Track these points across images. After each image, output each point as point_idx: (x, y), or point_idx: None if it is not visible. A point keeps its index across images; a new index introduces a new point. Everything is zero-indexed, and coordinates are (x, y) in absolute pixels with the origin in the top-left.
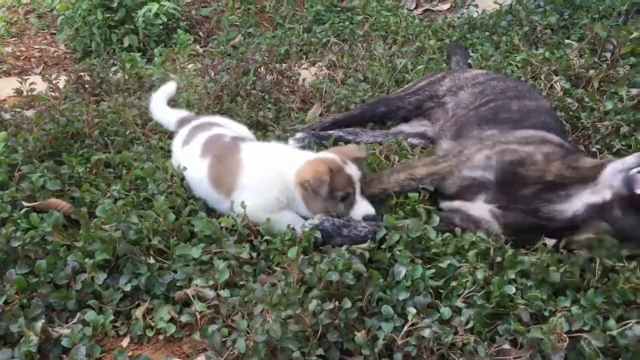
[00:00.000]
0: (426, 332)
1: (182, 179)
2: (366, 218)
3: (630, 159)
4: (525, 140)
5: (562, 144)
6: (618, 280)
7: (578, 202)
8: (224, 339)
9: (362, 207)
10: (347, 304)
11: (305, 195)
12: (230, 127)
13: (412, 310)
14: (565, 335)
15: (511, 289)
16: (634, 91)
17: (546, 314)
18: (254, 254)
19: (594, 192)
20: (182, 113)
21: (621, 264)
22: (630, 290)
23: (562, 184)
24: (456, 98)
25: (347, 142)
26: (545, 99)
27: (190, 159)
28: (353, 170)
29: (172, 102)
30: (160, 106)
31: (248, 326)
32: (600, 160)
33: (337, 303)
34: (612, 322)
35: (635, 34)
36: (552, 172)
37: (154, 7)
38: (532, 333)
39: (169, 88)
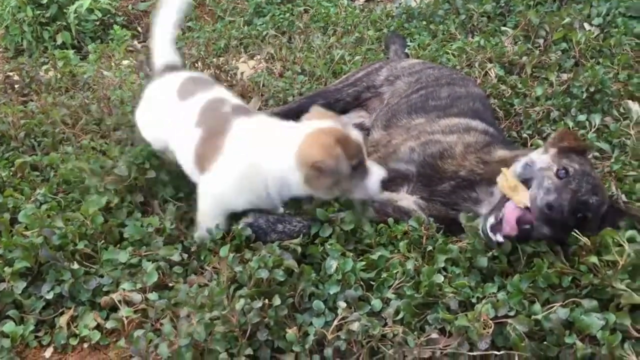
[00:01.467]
0: (355, 326)
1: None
2: (384, 181)
3: (518, 165)
4: (450, 129)
5: (486, 131)
6: (542, 265)
7: (485, 210)
8: (151, 344)
9: (376, 173)
10: (277, 301)
11: (312, 178)
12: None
13: (342, 304)
14: (491, 322)
15: (440, 278)
16: (564, 76)
17: (474, 301)
18: (185, 255)
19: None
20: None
21: (544, 250)
22: (555, 274)
23: (473, 181)
24: (392, 87)
25: None
26: (478, 87)
27: (184, 121)
28: (356, 134)
29: (106, 99)
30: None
31: (176, 329)
32: (511, 153)
33: (267, 301)
34: (537, 307)
35: (567, 20)
36: (466, 168)
37: (86, 2)
38: (459, 321)
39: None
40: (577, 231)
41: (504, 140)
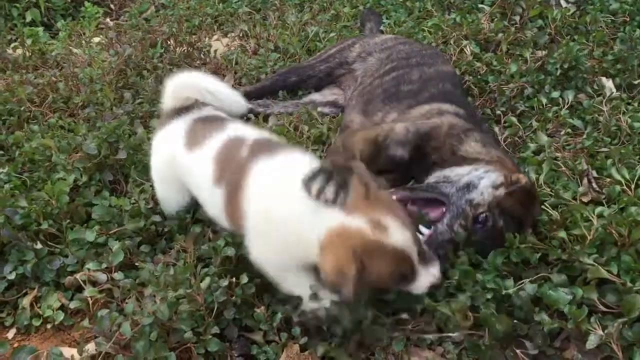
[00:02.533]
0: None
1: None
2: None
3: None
4: (425, 117)
5: (457, 113)
6: (513, 240)
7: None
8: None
9: (424, 278)
10: (244, 279)
11: None
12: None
13: None
14: (470, 314)
15: None
16: (539, 53)
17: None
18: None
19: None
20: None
21: None
22: (527, 249)
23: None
24: (365, 64)
25: (257, 114)
26: (447, 63)
27: (201, 175)
28: (402, 235)
29: (75, 77)
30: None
31: (141, 308)
32: (480, 152)
33: (234, 279)
34: (510, 283)
35: None
36: (440, 151)
37: None
38: (441, 307)
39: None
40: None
41: (475, 120)
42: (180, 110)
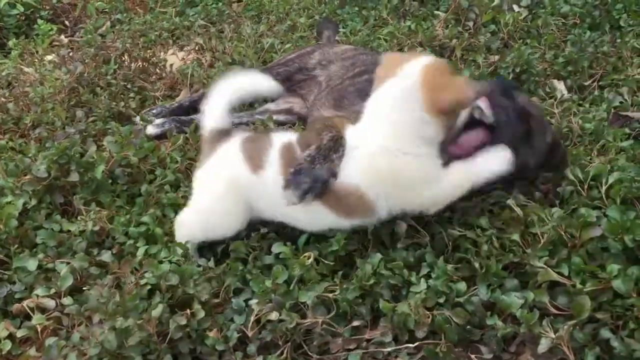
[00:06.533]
0: (273, 315)
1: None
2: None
3: None
4: None
5: None
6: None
7: None
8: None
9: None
10: (201, 313)
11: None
12: None
13: (254, 301)
14: (427, 311)
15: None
16: (492, 58)
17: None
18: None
19: None
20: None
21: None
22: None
23: None
24: (327, 71)
25: None
26: None
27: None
28: None
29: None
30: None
31: (90, 336)
32: None
33: (188, 311)
34: (462, 287)
35: (496, 2)
36: None
37: None
38: (400, 307)
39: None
40: None
41: None
42: (222, 134)
